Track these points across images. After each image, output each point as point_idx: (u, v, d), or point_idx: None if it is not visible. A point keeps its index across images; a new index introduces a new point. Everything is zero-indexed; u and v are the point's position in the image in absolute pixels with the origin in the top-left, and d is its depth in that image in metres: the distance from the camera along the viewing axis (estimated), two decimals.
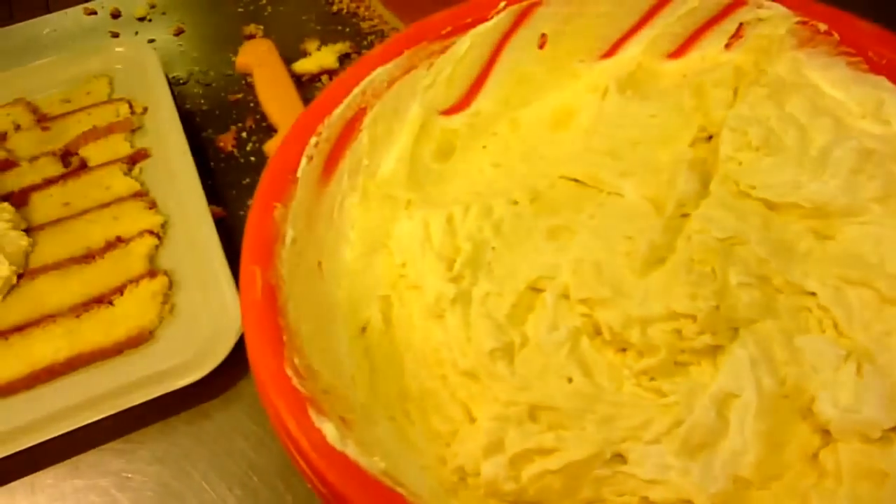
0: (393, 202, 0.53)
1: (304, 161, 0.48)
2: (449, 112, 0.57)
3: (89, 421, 0.55)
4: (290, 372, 0.38)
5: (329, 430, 0.36)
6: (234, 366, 0.56)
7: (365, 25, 0.80)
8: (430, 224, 0.49)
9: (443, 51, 0.55)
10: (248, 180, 0.69)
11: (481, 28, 0.55)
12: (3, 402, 0.57)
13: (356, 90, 0.51)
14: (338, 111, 0.50)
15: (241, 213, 0.67)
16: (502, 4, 0.55)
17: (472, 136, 0.57)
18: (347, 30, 0.81)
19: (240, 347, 0.55)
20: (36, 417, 0.56)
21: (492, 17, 0.55)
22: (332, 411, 0.38)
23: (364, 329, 0.48)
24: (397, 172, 0.53)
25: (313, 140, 0.48)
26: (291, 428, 0.37)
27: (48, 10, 0.88)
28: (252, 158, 0.71)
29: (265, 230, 0.44)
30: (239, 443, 0.55)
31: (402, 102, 0.54)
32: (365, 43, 0.79)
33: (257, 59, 0.75)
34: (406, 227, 0.50)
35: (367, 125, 0.52)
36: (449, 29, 0.54)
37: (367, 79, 0.52)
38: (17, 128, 0.74)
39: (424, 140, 0.55)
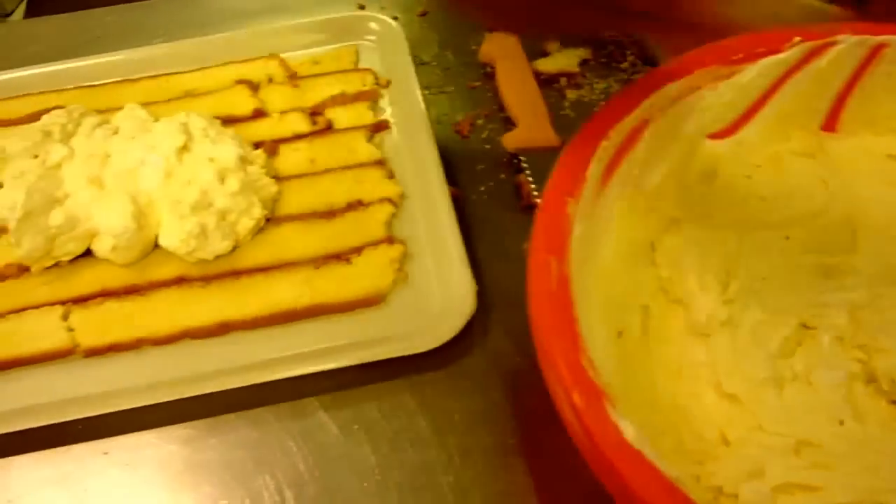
0: (657, 215, 0.54)
1: (594, 163, 0.49)
2: (716, 136, 0.57)
3: (321, 368, 0.58)
4: (585, 364, 0.40)
5: (627, 427, 0.37)
6: (458, 342, 0.58)
7: (607, 34, 0.81)
8: (703, 245, 0.50)
9: (729, 75, 0.55)
10: (482, 166, 0.71)
11: (771, 59, 0.55)
12: (243, 336, 0.61)
13: (646, 102, 0.52)
14: (628, 119, 0.51)
15: (473, 196, 0.69)
16: (797, 39, 0.55)
17: (735, 163, 0.57)
18: (587, 35, 0.82)
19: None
20: (271, 357, 0.60)
21: (784, 51, 0.55)
22: None
23: (620, 334, 0.49)
24: (664, 188, 0.54)
25: (604, 143, 0.50)
26: (588, 422, 0.38)
27: None
28: (486, 146, 0.73)
29: (560, 222, 0.46)
30: (454, 417, 0.57)
31: (680, 120, 0.55)
32: (604, 52, 0.80)
33: (502, 51, 0.77)
34: (675, 243, 0.51)
35: (646, 137, 0.53)
36: (741, 56, 0.54)
37: (657, 92, 0.53)
38: (270, 81, 0.78)
39: (691, 160, 0.56)
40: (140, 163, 0.66)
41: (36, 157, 0.67)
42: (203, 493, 0.54)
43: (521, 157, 0.70)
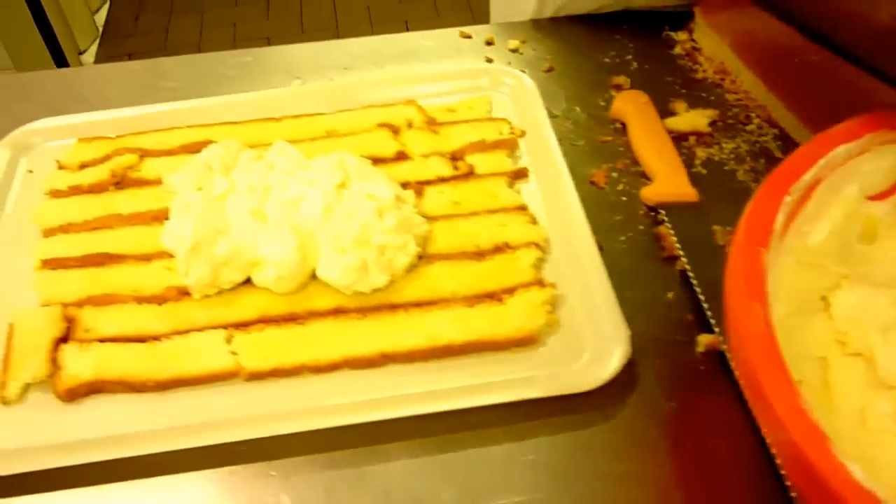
0: (822, 271, 0.55)
1: (779, 216, 0.51)
2: (876, 198, 0.59)
3: (477, 403, 0.60)
4: (804, 406, 0.41)
5: (855, 469, 0.39)
6: (609, 386, 0.60)
7: (730, 98, 0.84)
8: (877, 303, 0.52)
9: (895, 141, 0.57)
10: (619, 217, 0.74)
11: None
12: (400, 368, 0.63)
13: (821, 161, 0.55)
14: (805, 177, 0.54)
15: (614, 245, 0.71)
16: None
17: (893, 226, 0.59)
18: (712, 98, 0.85)
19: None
20: (428, 390, 0.61)
21: None
22: None
23: (800, 383, 0.50)
24: (827, 245, 0.56)
25: (786, 198, 0.52)
26: (816, 463, 0.39)
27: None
28: (623, 198, 0.75)
29: (757, 270, 0.48)
30: (606, 460, 0.58)
31: (845, 180, 0.57)
32: (730, 114, 0.83)
33: (635, 108, 0.80)
34: (850, 300, 0.53)
35: (816, 195, 0.55)
36: None
37: (831, 153, 0.55)
38: (409, 125, 0.81)
39: (852, 220, 0.58)
40: (301, 197, 0.69)
41: (200, 189, 0.71)
42: None
43: (661, 210, 0.72)
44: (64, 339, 0.65)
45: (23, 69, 2.08)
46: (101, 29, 2.85)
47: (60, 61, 2.36)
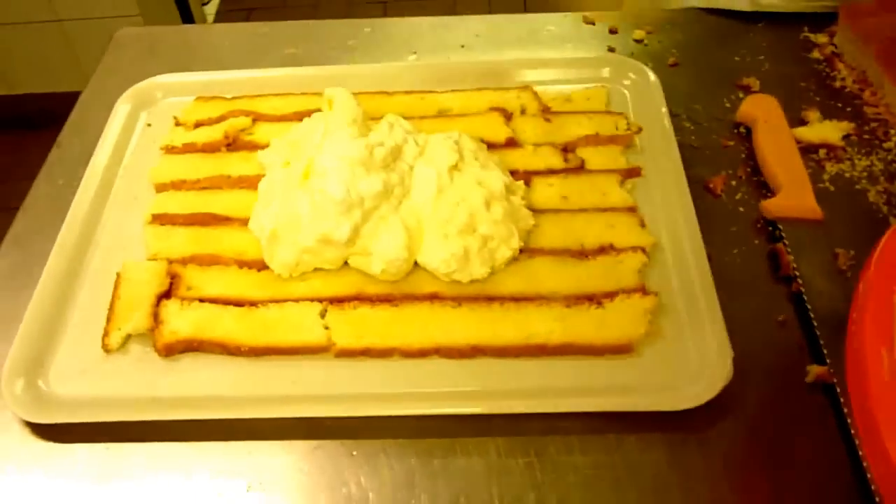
0: None
1: None
2: None
3: (571, 409, 0.58)
4: None
5: None
6: (710, 404, 0.57)
7: (869, 111, 0.79)
8: None
9: None
10: (734, 228, 0.70)
11: None
12: (491, 363, 0.62)
13: None
14: None
15: (726, 258, 0.68)
16: None
17: None
18: (849, 109, 0.79)
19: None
20: (519, 387, 0.60)
21: None
22: None
23: None
24: None
25: None
26: None
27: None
28: (741, 209, 0.72)
29: (886, 312, 0.44)
30: (705, 481, 0.56)
31: None
32: (867, 128, 0.77)
33: (763, 114, 0.76)
34: None
35: None
36: None
37: None
38: (523, 111, 0.79)
39: None
40: (409, 177, 0.67)
41: (287, 165, 0.70)
42: None
43: (780, 226, 0.68)
44: (166, 295, 0.66)
45: (150, 19, 2.15)
46: None
47: (185, 12, 2.42)
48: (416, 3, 2.73)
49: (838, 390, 0.57)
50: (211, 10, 2.81)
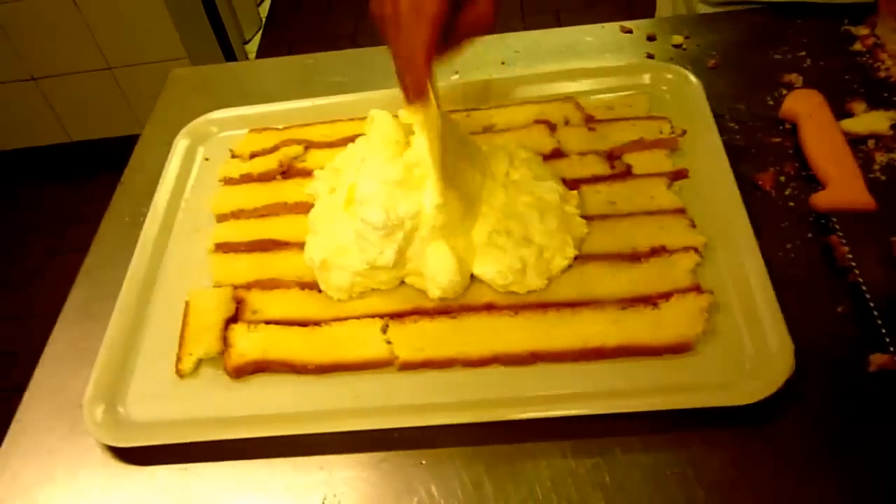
0: None
1: None
2: None
3: (632, 409, 0.59)
4: None
5: None
6: (771, 400, 0.57)
7: None
8: None
9: None
10: (785, 224, 0.70)
11: None
12: (550, 368, 0.63)
13: None
14: None
15: (780, 254, 0.68)
16: None
17: None
18: (895, 99, 0.79)
19: None
20: (579, 391, 0.61)
21: None
22: None
23: None
24: None
25: None
26: None
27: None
28: (791, 203, 0.72)
29: None
30: (773, 476, 0.56)
31: None
32: None
33: (807, 109, 0.76)
34: None
35: None
36: None
37: None
38: (567, 122, 0.81)
39: None
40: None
41: (333, 191, 0.72)
42: None
43: (834, 218, 0.68)
44: (234, 319, 0.69)
45: (195, 59, 2.22)
46: (263, 20, 3.00)
47: (227, 50, 2.49)
48: None
49: None
50: (252, 48, 2.88)
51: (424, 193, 0.65)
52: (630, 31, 0.93)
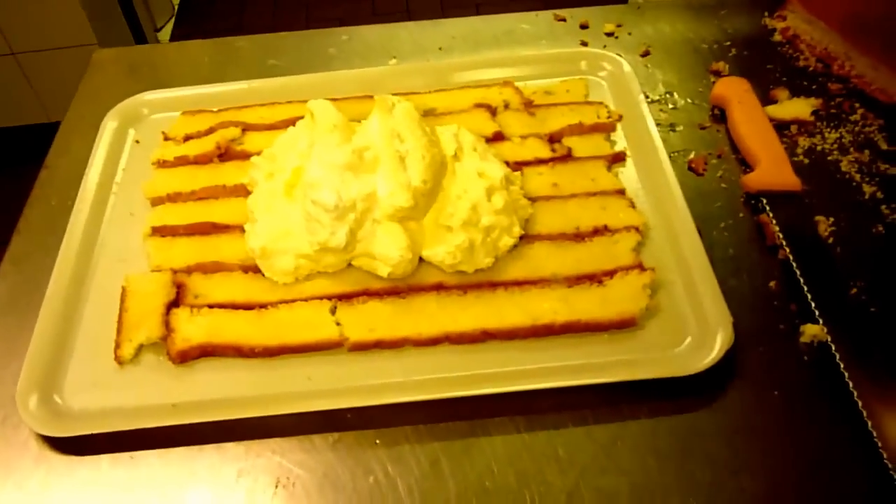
0: None
1: None
2: None
3: (579, 383, 0.60)
4: None
5: None
6: (710, 374, 0.60)
7: (833, 87, 0.83)
8: None
9: None
10: (718, 204, 0.73)
11: None
12: (500, 345, 0.64)
13: None
14: None
15: (714, 233, 0.71)
16: None
17: None
18: (814, 87, 0.83)
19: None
20: (528, 367, 0.62)
21: None
22: None
23: None
24: None
25: None
26: None
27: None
28: (723, 185, 0.75)
29: None
30: (711, 450, 0.58)
31: None
32: (833, 103, 0.81)
33: (736, 95, 0.79)
34: None
35: None
36: None
37: None
38: (507, 106, 0.82)
39: None
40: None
41: (271, 176, 0.72)
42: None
43: (764, 199, 0.71)
44: (175, 304, 0.67)
45: (105, 45, 2.13)
46: (176, 7, 2.91)
47: (139, 37, 2.41)
48: (370, 20, 2.76)
49: (833, 347, 0.61)
50: (164, 35, 2.79)
51: (377, 177, 0.65)
52: (564, 20, 0.95)
